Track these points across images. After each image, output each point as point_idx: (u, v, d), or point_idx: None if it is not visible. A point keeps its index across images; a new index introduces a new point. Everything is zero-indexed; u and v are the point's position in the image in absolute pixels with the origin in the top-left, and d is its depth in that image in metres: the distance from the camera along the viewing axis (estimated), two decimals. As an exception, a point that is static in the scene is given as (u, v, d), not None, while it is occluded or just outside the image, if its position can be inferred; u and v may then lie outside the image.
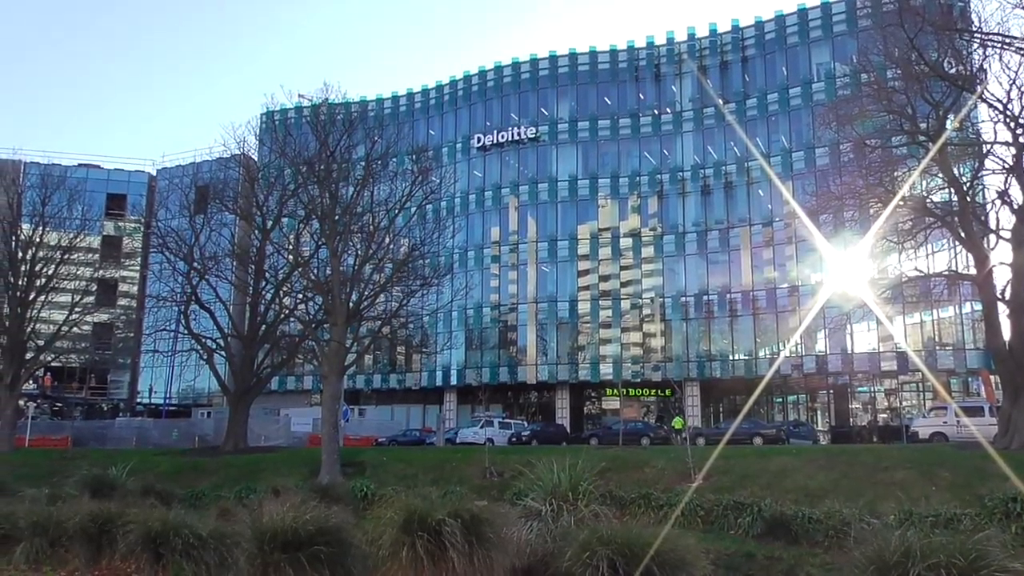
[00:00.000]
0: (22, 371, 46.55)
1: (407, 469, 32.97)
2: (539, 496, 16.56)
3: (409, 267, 40.77)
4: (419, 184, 40.47)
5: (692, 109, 64.78)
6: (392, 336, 53.78)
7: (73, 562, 14.37)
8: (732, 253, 62.02)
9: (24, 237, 47.06)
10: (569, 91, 68.49)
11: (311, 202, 39.31)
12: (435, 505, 12.96)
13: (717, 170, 63.11)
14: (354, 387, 68.33)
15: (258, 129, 55.17)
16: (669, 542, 12.06)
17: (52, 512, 15.53)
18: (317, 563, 11.97)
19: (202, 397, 73.29)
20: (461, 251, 67.47)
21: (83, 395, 78.50)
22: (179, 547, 13.67)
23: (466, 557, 11.98)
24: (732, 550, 18.34)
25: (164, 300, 45.11)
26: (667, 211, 64.76)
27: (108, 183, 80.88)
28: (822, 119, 45.10)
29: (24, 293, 45.58)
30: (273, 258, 45.42)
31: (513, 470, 26.95)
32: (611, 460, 27.69)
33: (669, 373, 60.63)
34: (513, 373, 65.75)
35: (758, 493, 24.25)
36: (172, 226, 46.36)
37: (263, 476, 32.10)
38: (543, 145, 68.12)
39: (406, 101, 75.66)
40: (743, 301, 60.90)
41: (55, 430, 56.24)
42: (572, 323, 65.32)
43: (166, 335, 47.02)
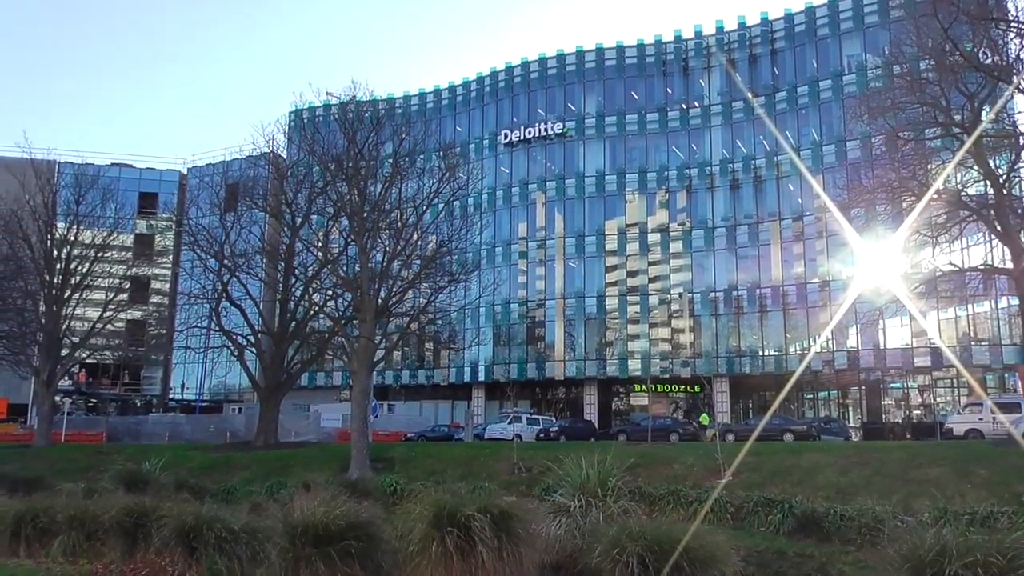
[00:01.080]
0: (58, 367, 47.39)
1: (436, 464, 33.13)
2: (567, 492, 16.49)
3: (437, 263, 40.92)
4: (446, 181, 40.61)
5: (720, 103, 64.23)
6: (420, 332, 53.98)
7: (109, 555, 14.54)
8: (761, 248, 61.44)
9: (59, 236, 47.89)
10: (596, 86, 68.20)
11: (340, 199, 39.58)
12: (464, 500, 12.96)
13: (746, 164, 62.55)
14: (383, 383, 68.69)
15: (287, 127, 55.46)
16: (699, 538, 11.99)
17: (88, 506, 15.72)
18: (347, 557, 12.04)
19: (233, 393, 74.10)
20: (488, 247, 67.52)
21: (117, 391, 79.70)
22: (212, 541, 13.80)
23: (495, 552, 11.97)
24: (762, 547, 18.20)
25: (195, 297, 45.71)
26: (696, 206, 64.32)
27: (140, 182, 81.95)
28: (853, 112, 44.54)
29: (59, 291, 46.39)
30: (303, 255, 45.79)
31: (541, 466, 26.94)
32: (640, 456, 27.59)
33: (698, 369, 60.26)
34: (541, 369, 65.71)
35: (789, 490, 24.07)
36: (203, 224, 46.94)
37: (294, 471, 32.45)
38: (570, 141, 67.93)
39: (433, 98, 75.81)
40: (773, 296, 60.33)
41: (90, 426, 57.18)
42: (600, 319, 65.13)
43: (198, 332, 47.62)
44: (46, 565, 14.33)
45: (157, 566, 14.04)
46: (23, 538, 15.44)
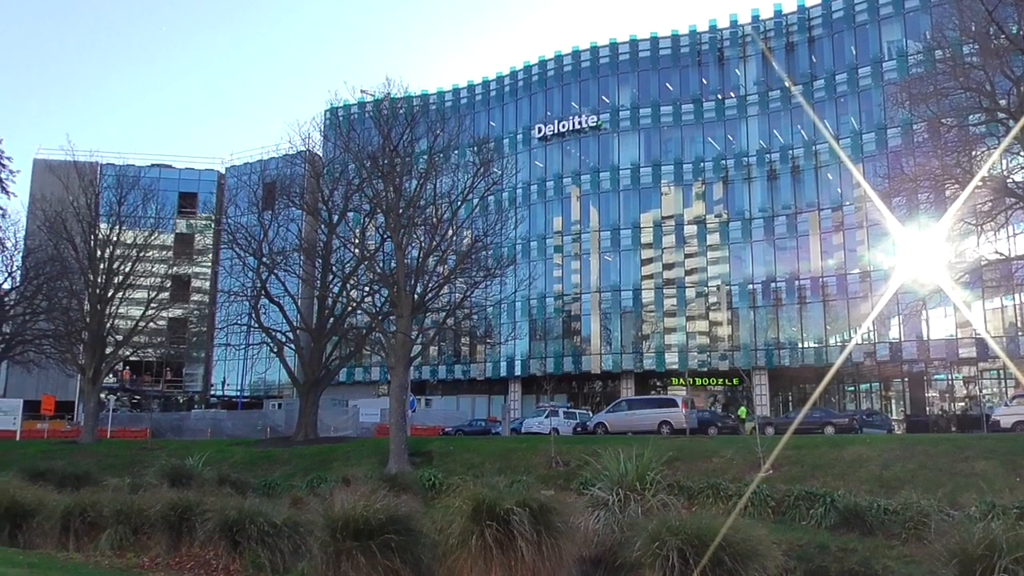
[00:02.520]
0: (103, 365, 48.27)
1: (473, 458, 33.20)
2: (606, 486, 16.49)
3: (472, 258, 40.96)
4: (481, 176, 40.60)
5: (757, 93, 63.45)
6: (457, 327, 54.23)
7: (155, 549, 14.81)
8: (800, 239, 60.65)
9: (102, 236, 48.74)
10: (630, 78, 67.76)
11: (375, 196, 39.79)
12: (503, 494, 13.00)
13: (784, 154, 61.74)
14: (420, 378, 69.07)
15: (323, 125, 56.03)
16: (740, 532, 11.90)
17: (134, 501, 16.02)
18: (388, 551, 12.13)
19: (273, 389, 75.00)
20: (524, 242, 67.49)
21: (160, 388, 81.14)
22: (255, 535, 14.01)
23: (534, 546, 11.99)
24: (804, 541, 18.04)
25: (235, 295, 46.28)
26: (733, 197, 63.67)
27: (180, 182, 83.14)
28: (894, 99, 43.70)
29: (103, 290, 47.23)
30: (339, 252, 46.12)
31: (579, 460, 26.92)
32: (678, 450, 27.44)
33: (736, 362, 59.71)
34: (577, 363, 65.58)
35: (831, 483, 23.76)
36: (241, 222, 47.52)
37: (333, 466, 32.77)
38: (604, 133, 67.60)
39: (467, 93, 75.90)
40: (812, 287, 59.54)
41: (134, 422, 58.23)
42: (636, 312, 64.80)
43: (238, 329, 48.23)
44: (94, 558, 14.63)
45: (201, 559, 14.28)
46: (72, 532, 15.78)
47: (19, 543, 15.88)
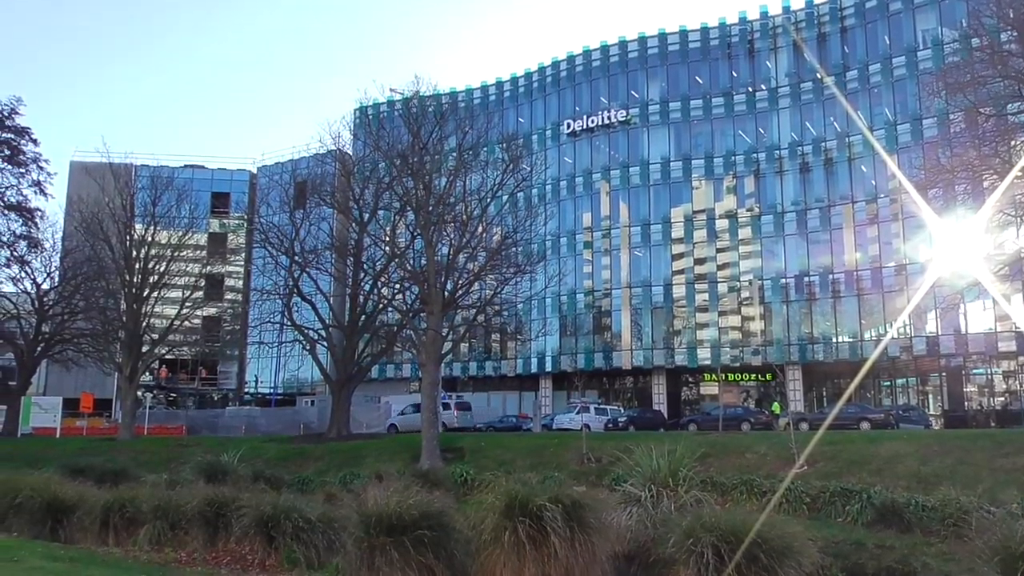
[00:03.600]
0: (139, 363, 49.08)
1: (505, 455, 33.32)
2: (638, 482, 16.39)
3: (502, 255, 41.03)
4: (510, 172, 40.66)
5: (788, 85, 62.66)
6: (487, 324, 54.27)
7: (192, 544, 15.00)
8: (834, 232, 59.82)
9: (138, 236, 49.50)
10: (659, 72, 67.30)
11: (406, 194, 40.00)
12: (535, 490, 12.98)
13: (816, 147, 60.94)
14: (451, 374, 69.23)
15: (352, 124, 56.08)
16: (775, 529, 11.78)
17: (171, 497, 16.22)
18: (421, 547, 12.17)
19: (306, 386, 75.66)
20: (553, 238, 67.35)
21: (195, 386, 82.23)
22: (289, 530, 14.14)
23: (567, 542, 11.96)
24: (840, 538, 17.84)
25: (268, 293, 46.84)
26: (764, 190, 62.99)
27: (212, 182, 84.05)
28: (930, 89, 43.00)
29: (139, 290, 48.02)
30: (370, 250, 46.41)
31: (610, 456, 26.86)
32: (711, 446, 27.30)
33: (769, 357, 59.10)
34: (608, 359, 65.38)
35: (867, 479, 23.53)
36: (273, 222, 48.05)
37: (366, 462, 33.02)
38: (634, 128, 67.23)
39: (495, 90, 75.88)
40: (847, 281, 58.73)
41: (171, 419, 59.14)
42: (667, 307, 64.40)
43: (271, 327, 48.79)
44: (133, 553, 14.85)
45: (238, 554, 14.44)
46: (111, 527, 16.03)
47: (60, 538, 16.16)
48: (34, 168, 53.06)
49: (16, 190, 52.65)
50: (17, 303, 53.09)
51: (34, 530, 16.44)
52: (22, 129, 52.80)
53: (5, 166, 52.35)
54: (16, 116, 52.45)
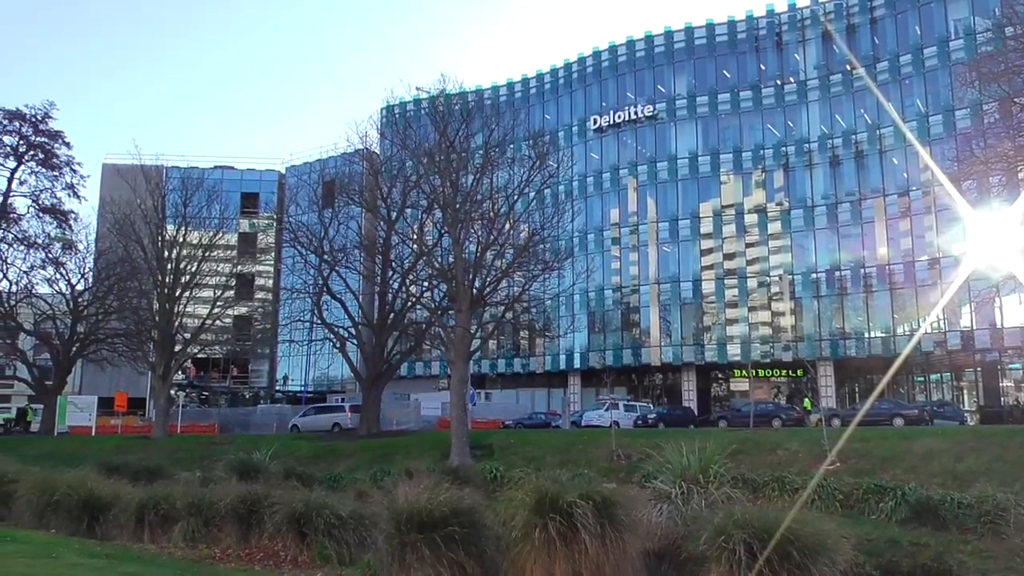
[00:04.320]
0: (172, 362, 49.64)
1: (534, 451, 33.32)
2: (668, 479, 16.30)
3: (530, 252, 40.95)
4: (537, 169, 40.58)
5: (817, 77, 62.00)
6: (515, 321, 54.26)
7: (226, 540, 15.15)
8: (865, 226, 59.12)
9: (169, 237, 50.06)
10: (686, 66, 66.88)
11: (433, 192, 40.07)
12: (565, 487, 12.96)
13: (846, 139, 60.23)
14: (480, 372, 69.36)
15: (379, 123, 56.21)
16: (808, 526, 11.65)
17: (205, 494, 16.42)
18: (452, 543, 12.20)
19: (336, 384, 76.15)
20: (581, 234, 67.24)
21: (227, 384, 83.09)
22: (321, 527, 14.27)
23: (598, 539, 11.92)
24: (874, 535, 17.64)
25: (298, 292, 47.20)
26: (794, 184, 62.39)
27: (242, 183, 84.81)
28: (962, 79, 42.29)
29: (171, 290, 48.53)
30: (399, 248, 46.59)
31: (640, 453, 26.78)
32: (741, 442, 27.10)
33: (800, 353, 58.55)
34: (637, 355, 65.15)
35: (901, 476, 23.25)
36: (302, 221, 48.36)
37: (396, 459, 33.18)
38: (661, 123, 66.88)
39: (521, 87, 75.85)
40: (879, 275, 58.02)
41: (203, 417, 59.73)
42: (696, 303, 64.04)
43: (301, 325, 49.16)
44: (168, 550, 15.04)
45: (271, 551, 14.57)
46: (146, 524, 16.24)
47: (96, 535, 16.42)
48: (67, 171, 53.95)
49: (50, 193, 53.59)
50: (53, 304, 53.96)
51: (71, 527, 16.72)
52: (55, 133, 53.66)
53: (39, 170, 53.29)
54: (49, 120, 53.33)
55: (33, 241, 52.80)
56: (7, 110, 52.03)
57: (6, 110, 52.00)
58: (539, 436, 39.24)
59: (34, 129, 52.67)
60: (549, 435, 40.51)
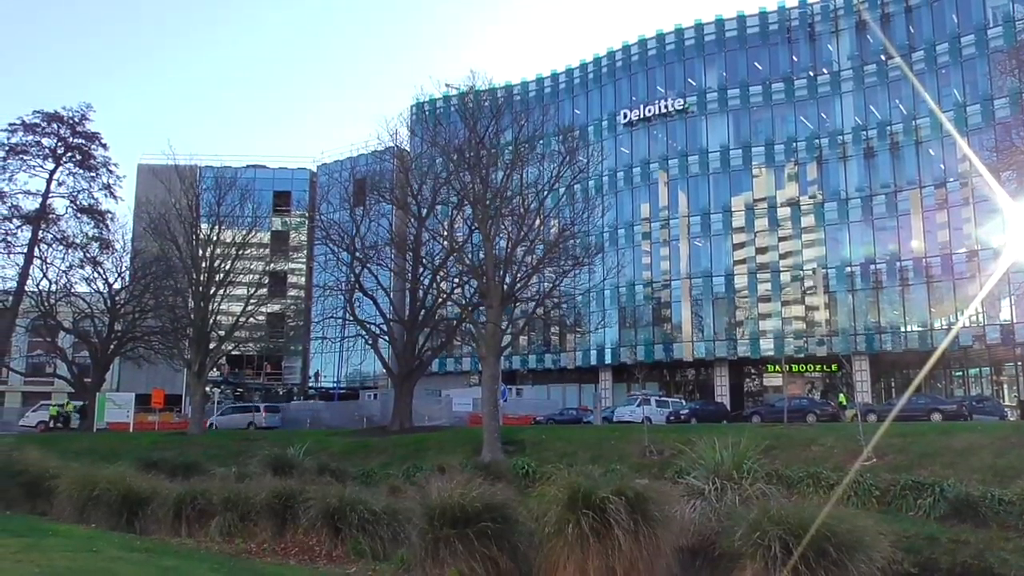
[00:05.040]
0: (207, 359, 50.29)
1: (566, 447, 33.26)
2: (701, 475, 16.21)
3: (560, 248, 40.93)
4: (567, 164, 40.53)
5: (851, 68, 61.08)
6: (546, 317, 54.28)
7: (261, 535, 15.34)
8: (901, 218, 58.17)
9: (203, 236, 50.67)
10: (717, 59, 66.27)
11: (463, 188, 40.17)
12: (598, 483, 12.95)
13: (881, 131, 59.29)
14: (511, 367, 69.38)
15: (409, 121, 56.55)
16: (845, 522, 11.54)
17: (241, 489, 16.64)
18: (485, 539, 12.24)
19: (369, 380, 76.61)
20: (611, 229, 66.95)
21: (261, 380, 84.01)
22: (355, 522, 14.39)
23: (631, 535, 11.90)
24: (912, 532, 17.39)
25: (330, 289, 47.57)
26: (827, 177, 61.57)
27: (274, 181, 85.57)
28: (1002, 67, 41.47)
29: (205, 288, 49.15)
30: (429, 245, 46.79)
31: (672, 448, 26.64)
32: (775, 438, 26.86)
33: (835, 347, 57.82)
34: (668, 351, 64.78)
35: (939, 472, 22.87)
36: (334, 219, 48.75)
37: (428, 454, 33.33)
38: (692, 116, 66.37)
39: (550, 83, 75.67)
40: (915, 268, 57.08)
41: (238, 413, 60.34)
42: (729, 298, 63.52)
43: (333, 322, 49.55)
44: (205, 544, 15.26)
45: (305, 545, 14.73)
46: (184, 518, 16.50)
47: (135, 529, 16.71)
48: (104, 172, 54.72)
49: (88, 193, 54.39)
50: (91, 303, 54.87)
51: (111, 521, 17.03)
52: (92, 134, 54.49)
53: (77, 171, 54.08)
54: (86, 122, 54.13)
55: (71, 241, 53.67)
56: (46, 112, 52.93)
57: (45, 112, 52.89)
58: (570, 432, 39.19)
59: (72, 131, 53.52)
60: (581, 431, 40.44)
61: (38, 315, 54.73)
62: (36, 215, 52.14)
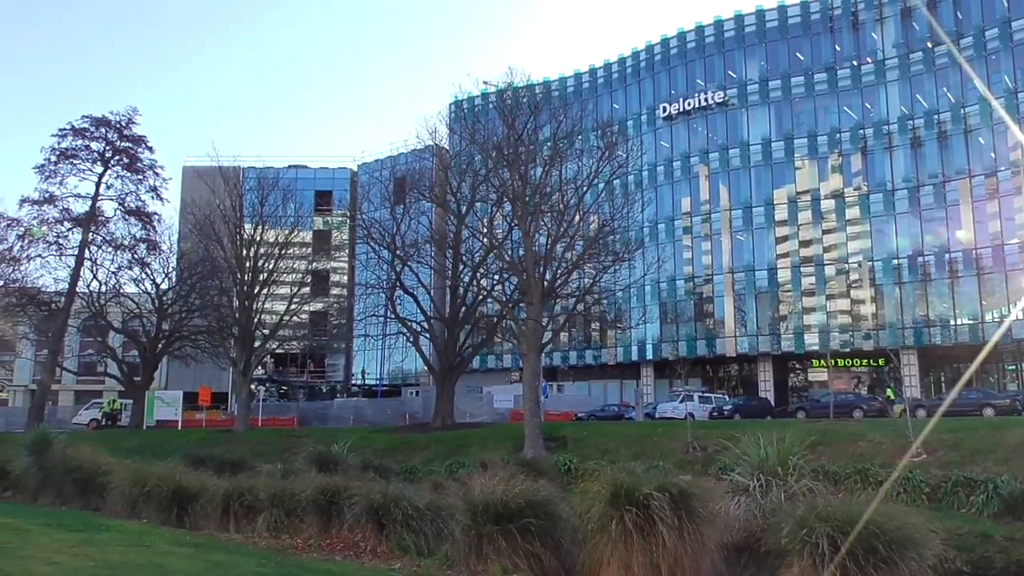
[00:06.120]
0: (252, 358, 51.03)
1: (608, 444, 33.16)
2: (746, 471, 16.02)
3: (600, 243, 40.78)
4: (606, 160, 40.36)
5: (896, 56, 59.81)
6: (586, 313, 54.09)
7: (307, 531, 15.52)
8: (950, 209, 56.80)
9: (247, 236, 51.40)
10: (757, 50, 65.39)
11: (502, 185, 40.23)
12: (641, 479, 12.89)
13: (928, 120, 57.98)
14: (551, 364, 69.32)
15: (448, 119, 56.72)
16: (895, 519, 11.32)
17: (286, 486, 16.86)
18: (528, 535, 12.25)
19: (410, 377, 77.13)
20: (652, 224, 66.49)
21: (304, 378, 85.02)
22: (399, 518, 14.47)
23: (676, 532, 11.82)
24: (964, 530, 17.05)
25: (372, 287, 47.97)
26: (872, 168, 60.40)
27: (315, 181, 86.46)
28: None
29: (250, 287, 49.87)
30: (469, 242, 46.91)
31: (716, 444, 26.40)
32: (821, 434, 26.46)
33: (882, 341, 56.72)
34: (711, 346, 64.20)
35: (992, 469, 22.37)
36: (375, 217, 49.15)
37: (470, 451, 33.44)
38: (732, 109, 65.61)
39: (588, 78, 75.34)
40: (965, 260, 55.74)
41: (283, 411, 61.24)
42: (772, 292, 62.71)
43: (375, 320, 49.92)
44: (252, 539, 15.49)
45: (350, 541, 14.85)
46: (231, 514, 16.78)
47: (185, 524, 17.03)
48: (150, 174, 55.61)
49: (135, 196, 55.35)
50: (139, 303, 55.97)
51: (161, 516, 17.38)
52: (138, 138, 55.48)
53: (124, 174, 55.06)
54: (133, 126, 55.13)
55: (120, 243, 54.66)
56: (94, 117, 53.97)
57: (93, 117, 53.94)
58: (612, 428, 39.06)
59: (119, 135, 54.55)
60: (622, 427, 40.28)
61: (89, 315, 55.93)
62: (86, 218, 53.25)
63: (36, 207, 52.08)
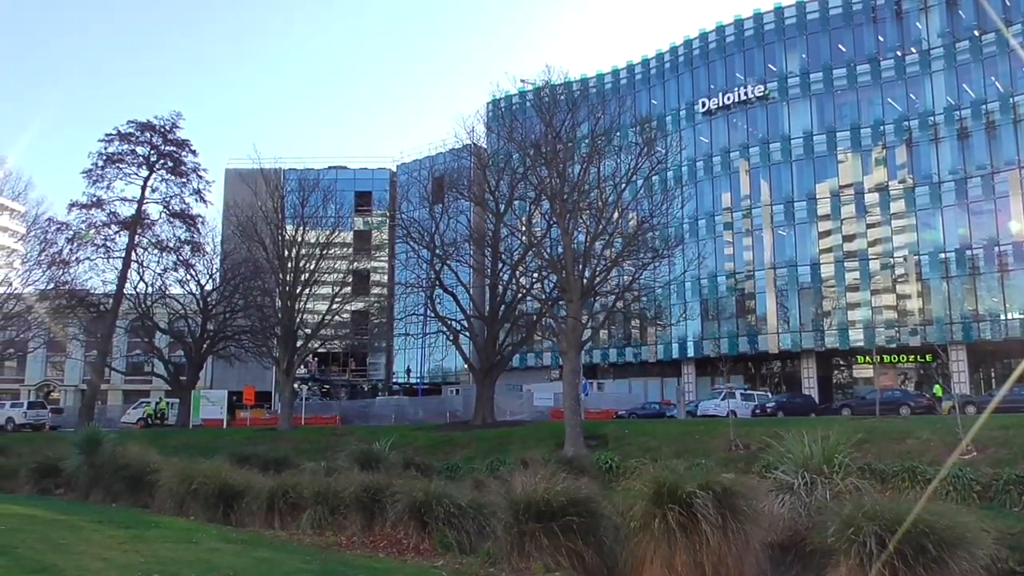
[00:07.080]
0: (295, 357, 51.64)
1: (649, 442, 32.96)
2: (790, 469, 15.81)
3: (639, 240, 40.52)
4: (644, 156, 40.10)
5: (942, 45, 58.51)
6: (626, 310, 53.78)
7: (350, 528, 15.67)
8: (999, 201, 55.40)
9: (288, 237, 52.02)
10: (798, 43, 64.48)
11: (540, 183, 40.16)
12: (683, 477, 12.79)
13: (975, 110, 56.65)
14: (591, 362, 69.12)
15: (486, 117, 56.86)
16: (944, 518, 11.07)
17: (330, 483, 17.00)
18: (570, 533, 12.23)
19: (451, 375, 77.50)
20: (691, 220, 65.92)
21: (346, 377, 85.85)
22: (441, 516, 14.51)
23: (720, 530, 11.71)
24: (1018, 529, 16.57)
25: (411, 286, 48.24)
26: (918, 160, 59.19)
27: (355, 182, 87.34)
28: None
29: (292, 288, 50.47)
30: (508, 240, 46.94)
31: (759, 442, 26.08)
32: (867, 431, 25.95)
33: (929, 337, 55.60)
34: (753, 343, 63.48)
35: (1046, 466, 21.77)
36: (414, 217, 49.43)
37: (511, 449, 33.43)
38: (773, 103, 64.77)
39: (626, 74, 74.95)
40: (1015, 253, 54.35)
41: (325, 409, 61.92)
42: (815, 288, 61.80)
43: (415, 319, 50.21)
44: (297, 536, 15.68)
45: (393, 538, 14.95)
46: (276, 511, 17.01)
47: (231, 521, 17.29)
48: (194, 177, 56.60)
49: (179, 199, 56.36)
50: (184, 304, 56.95)
51: (208, 514, 17.67)
52: (182, 142, 56.45)
53: (169, 177, 56.09)
54: (176, 130, 56.11)
55: (165, 245, 55.66)
56: (139, 122, 55.04)
57: (138, 122, 55.01)
58: (653, 426, 38.81)
59: (163, 139, 55.54)
60: (664, 425, 40.01)
61: (136, 317, 56.99)
62: (132, 221, 54.30)
63: (84, 211, 53.39)
